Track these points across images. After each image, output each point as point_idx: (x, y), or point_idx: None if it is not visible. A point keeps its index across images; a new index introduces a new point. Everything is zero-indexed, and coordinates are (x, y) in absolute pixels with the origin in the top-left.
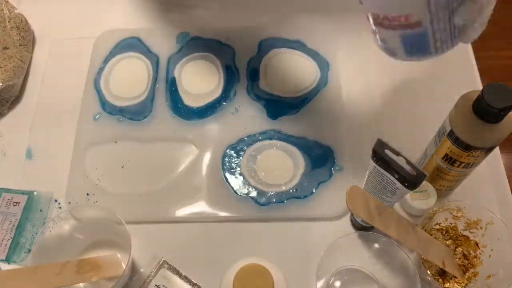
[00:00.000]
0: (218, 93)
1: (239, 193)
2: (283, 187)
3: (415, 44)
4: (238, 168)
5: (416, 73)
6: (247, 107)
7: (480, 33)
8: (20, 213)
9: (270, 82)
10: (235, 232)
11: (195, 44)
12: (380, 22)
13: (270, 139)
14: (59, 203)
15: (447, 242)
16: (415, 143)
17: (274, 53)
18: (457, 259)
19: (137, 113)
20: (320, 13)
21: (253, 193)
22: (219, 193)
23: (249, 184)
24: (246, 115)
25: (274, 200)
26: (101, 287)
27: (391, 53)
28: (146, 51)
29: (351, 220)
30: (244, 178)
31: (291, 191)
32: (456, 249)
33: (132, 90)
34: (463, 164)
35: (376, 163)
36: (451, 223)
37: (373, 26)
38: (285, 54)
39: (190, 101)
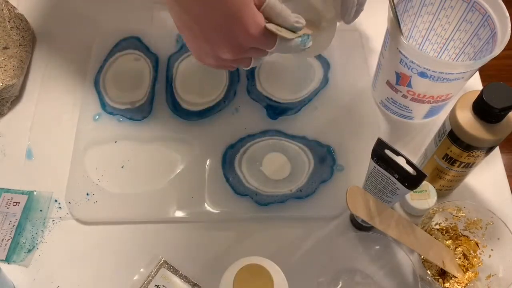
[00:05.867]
0: (218, 93)
1: (239, 193)
2: (286, 187)
3: None
4: (238, 168)
5: None
6: (247, 107)
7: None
8: (20, 213)
9: (269, 84)
10: (235, 232)
11: None
12: None
13: (271, 139)
14: (59, 203)
15: (447, 242)
16: (415, 143)
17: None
18: (457, 259)
19: (137, 113)
20: None
21: (253, 193)
22: (219, 193)
23: (249, 184)
24: (246, 115)
25: (274, 200)
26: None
27: None
28: (146, 51)
29: (351, 220)
30: (244, 178)
31: (295, 191)
32: (456, 249)
33: (132, 90)
34: (463, 164)
35: (376, 163)
36: (451, 223)
37: None
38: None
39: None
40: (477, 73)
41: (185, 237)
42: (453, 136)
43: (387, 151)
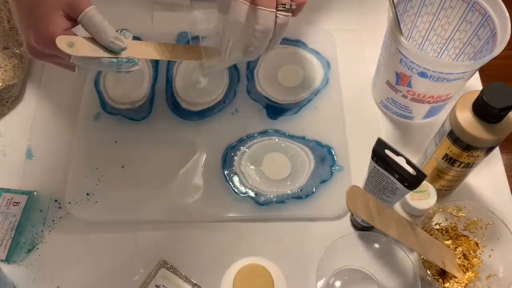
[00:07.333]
0: (218, 93)
1: (239, 193)
2: (286, 187)
3: None
4: (238, 168)
5: None
6: (247, 107)
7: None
8: (20, 213)
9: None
10: (235, 232)
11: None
12: None
13: (271, 139)
14: (59, 203)
15: (447, 242)
16: (415, 143)
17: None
18: (457, 259)
19: (137, 113)
20: (320, 13)
21: (253, 193)
22: (219, 193)
23: (249, 184)
24: (246, 115)
25: (274, 200)
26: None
27: None
28: None
29: (351, 220)
30: (244, 178)
31: (295, 191)
32: (456, 249)
33: (132, 90)
34: (463, 164)
35: (376, 163)
36: (451, 223)
37: None
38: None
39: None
40: (477, 73)
41: (185, 237)
42: (453, 136)
43: (387, 151)
